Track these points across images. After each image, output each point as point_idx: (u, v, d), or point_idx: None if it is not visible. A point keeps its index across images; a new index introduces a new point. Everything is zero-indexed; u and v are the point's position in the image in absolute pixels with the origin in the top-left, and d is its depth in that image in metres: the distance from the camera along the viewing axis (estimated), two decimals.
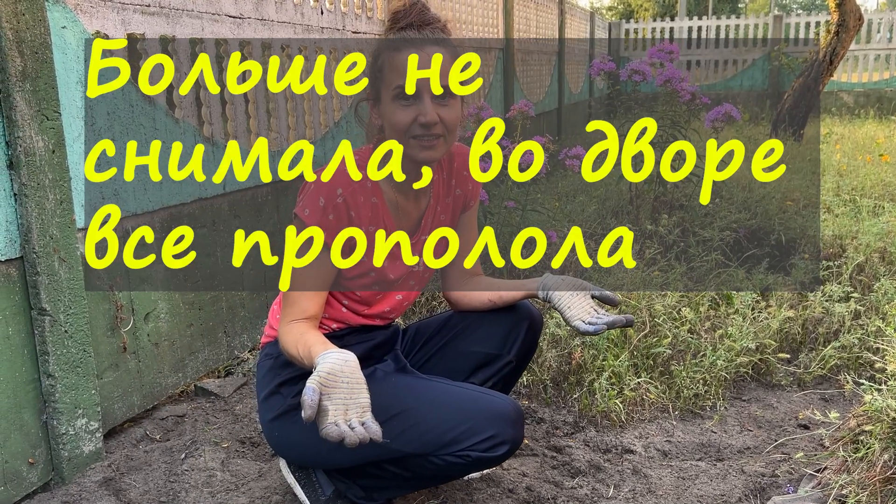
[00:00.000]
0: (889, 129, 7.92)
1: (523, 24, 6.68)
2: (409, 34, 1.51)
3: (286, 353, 1.52)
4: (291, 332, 1.52)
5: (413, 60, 1.47)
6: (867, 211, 3.65)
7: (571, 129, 8.82)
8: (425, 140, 1.52)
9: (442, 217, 1.74)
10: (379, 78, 1.53)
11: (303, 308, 1.56)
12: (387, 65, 1.50)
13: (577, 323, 1.63)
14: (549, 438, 2.16)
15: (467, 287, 1.84)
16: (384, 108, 1.53)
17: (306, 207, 1.53)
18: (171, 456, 2.06)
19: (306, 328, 1.53)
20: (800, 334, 2.62)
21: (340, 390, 1.29)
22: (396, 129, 1.51)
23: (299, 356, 1.45)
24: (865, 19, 10.90)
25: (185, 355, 2.41)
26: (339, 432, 1.24)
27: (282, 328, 1.55)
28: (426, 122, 1.49)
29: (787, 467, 1.93)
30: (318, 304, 1.59)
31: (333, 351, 1.34)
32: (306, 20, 2.98)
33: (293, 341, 1.48)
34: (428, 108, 1.49)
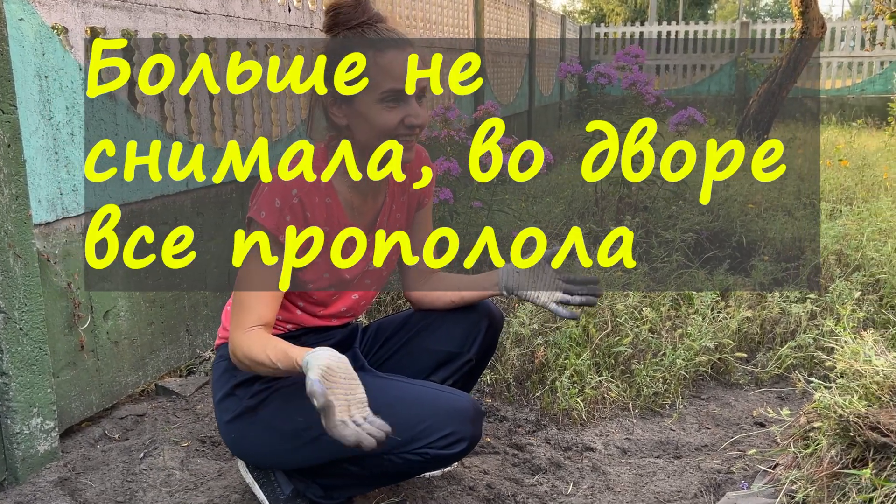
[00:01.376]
0: (850, 134, 8.10)
1: (494, 25, 6.71)
2: (382, 32, 1.48)
3: (249, 361, 1.46)
4: (255, 339, 1.47)
5: (401, 60, 1.45)
6: (826, 214, 3.73)
7: (542, 131, 8.87)
8: (408, 140, 1.51)
9: (398, 216, 1.74)
10: (353, 77, 1.48)
11: (260, 314, 1.51)
12: (371, 66, 1.45)
13: (553, 307, 1.67)
14: (511, 436, 2.18)
15: (428, 286, 1.84)
16: (361, 109, 1.48)
17: (262, 210, 1.50)
18: (129, 455, 2.03)
19: (267, 334, 1.49)
20: (758, 334, 2.68)
21: (340, 385, 1.30)
22: (382, 130, 1.48)
23: (271, 362, 1.41)
24: (829, 27, 11.16)
25: (145, 354, 2.38)
26: (354, 433, 1.25)
27: (238, 335, 1.49)
28: (419, 124, 1.48)
29: (742, 464, 1.97)
30: (274, 310, 1.54)
31: (323, 349, 1.34)
32: (273, 17, 2.96)
33: (261, 346, 1.44)
34: (417, 109, 1.48)
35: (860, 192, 4.49)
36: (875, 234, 3.30)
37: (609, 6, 39.79)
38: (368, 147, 1.53)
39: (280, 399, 1.64)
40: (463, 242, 2.98)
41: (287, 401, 1.63)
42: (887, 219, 3.54)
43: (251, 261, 1.52)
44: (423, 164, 1.77)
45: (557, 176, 5.17)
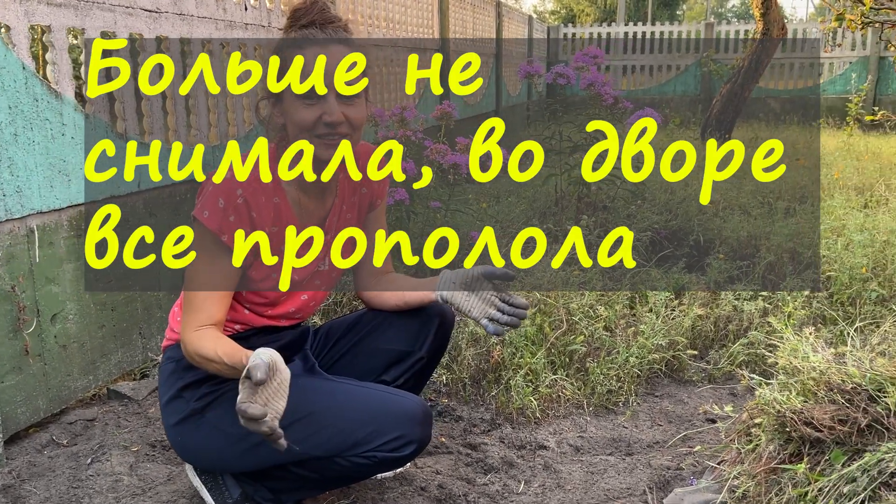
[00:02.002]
0: (810, 134, 8.25)
1: (459, 25, 6.72)
2: (311, 32, 1.50)
3: (200, 357, 1.47)
4: (205, 338, 1.47)
5: (319, 58, 1.47)
6: (781, 212, 3.79)
7: (509, 131, 8.90)
8: (329, 139, 1.51)
9: (348, 216, 1.74)
10: (282, 76, 1.51)
11: (210, 314, 1.52)
12: (290, 63, 1.49)
13: (484, 322, 1.67)
14: (466, 436, 2.18)
15: (379, 286, 1.85)
16: (287, 107, 1.51)
17: (205, 209, 1.49)
18: (76, 461, 2.00)
19: (218, 333, 1.51)
20: (712, 332, 2.71)
21: (270, 386, 1.31)
22: (300, 127, 1.50)
23: (218, 358, 1.42)
24: (790, 28, 11.35)
25: (96, 357, 2.34)
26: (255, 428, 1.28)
27: (188, 334, 1.50)
28: (332, 122, 1.49)
29: (691, 460, 2.00)
30: (225, 309, 1.55)
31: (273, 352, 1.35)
32: (229, 16, 2.93)
33: (210, 347, 1.45)
34: (333, 107, 1.48)
35: (816, 191, 4.57)
36: (827, 233, 3.37)
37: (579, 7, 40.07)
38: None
39: (227, 402, 1.62)
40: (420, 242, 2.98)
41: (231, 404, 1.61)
42: (839, 217, 3.61)
43: (198, 259, 1.53)
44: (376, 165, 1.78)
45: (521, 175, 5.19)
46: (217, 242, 1.51)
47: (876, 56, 10.84)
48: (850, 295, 2.81)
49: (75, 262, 2.23)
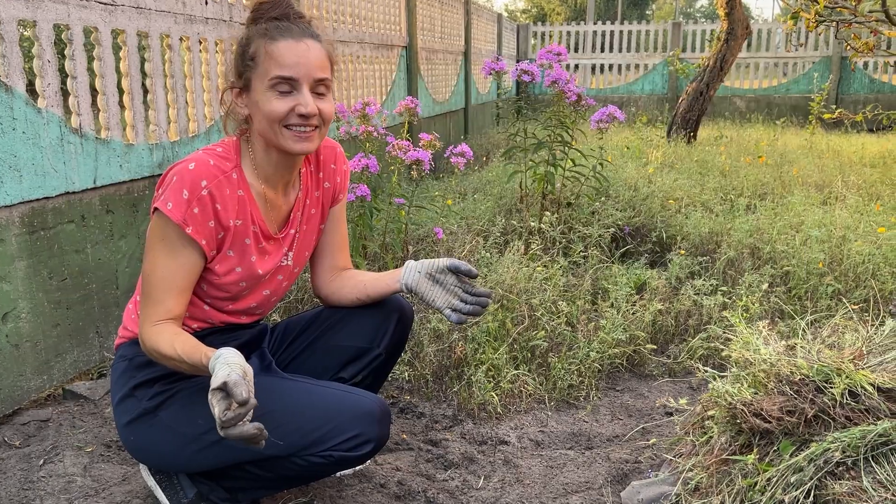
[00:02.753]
0: (774, 133, 8.38)
1: (427, 22, 6.71)
2: (283, 24, 1.50)
3: (158, 354, 1.44)
4: (162, 333, 1.45)
5: (293, 49, 1.47)
6: (742, 209, 3.85)
7: (479, 129, 8.92)
8: (301, 131, 1.51)
9: (311, 211, 1.73)
10: (251, 66, 1.50)
11: (168, 308, 1.49)
12: (262, 53, 1.48)
13: (447, 312, 1.68)
14: (427, 432, 2.18)
15: (336, 283, 1.83)
16: (256, 97, 1.50)
17: (169, 201, 1.46)
18: (28, 462, 1.96)
19: (177, 328, 1.48)
20: (672, 326, 2.74)
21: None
22: (271, 118, 1.49)
23: (178, 356, 1.40)
24: (755, 28, 11.53)
25: (50, 357, 2.29)
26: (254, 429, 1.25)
27: (146, 329, 1.48)
28: (306, 113, 1.49)
29: (650, 453, 2.02)
30: (184, 304, 1.53)
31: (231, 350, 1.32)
32: (188, 10, 2.89)
33: (168, 343, 1.42)
34: (307, 98, 1.49)
35: (777, 188, 4.65)
36: (786, 229, 3.43)
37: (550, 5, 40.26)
38: (266, 137, 1.53)
39: (180, 401, 1.60)
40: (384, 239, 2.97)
41: (188, 403, 1.59)
42: (799, 213, 3.67)
43: (158, 252, 1.49)
44: (338, 160, 1.77)
45: (489, 172, 5.21)
46: (180, 235, 1.48)
47: (838, 56, 11.06)
48: (806, 289, 2.86)
49: (28, 259, 2.18)
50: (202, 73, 3.03)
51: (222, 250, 1.57)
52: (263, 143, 1.57)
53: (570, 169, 3.56)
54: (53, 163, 2.25)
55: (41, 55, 2.22)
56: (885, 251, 3.05)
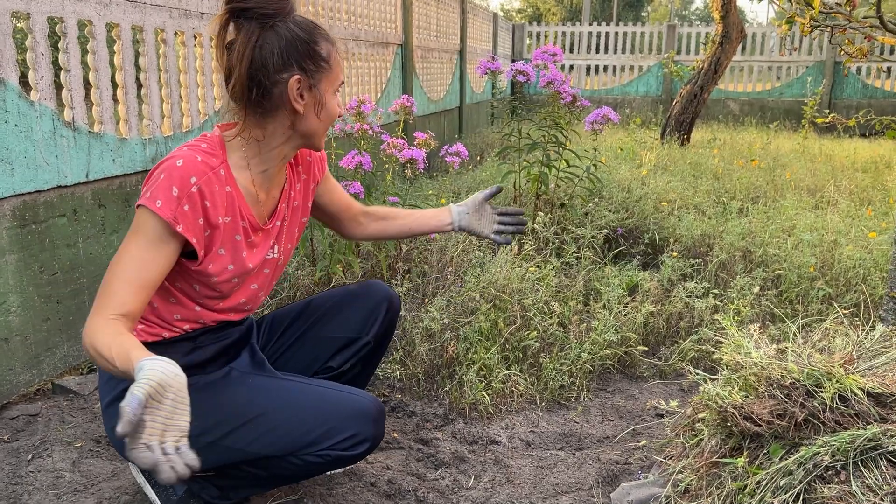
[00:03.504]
0: (767, 136, 8.42)
1: (423, 20, 6.70)
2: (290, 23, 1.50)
3: (93, 350, 1.32)
4: (105, 329, 1.33)
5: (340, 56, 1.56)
6: (734, 212, 3.86)
7: (473, 128, 8.92)
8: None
9: (295, 203, 1.72)
10: (325, 68, 1.52)
11: (123, 301, 1.38)
12: (334, 57, 1.53)
13: (494, 237, 1.92)
14: (418, 431, 2.18)
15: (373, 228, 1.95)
16: (324, 99, 1.54)
17: (157, 198, 1.42)
18: (16, 457, 1.95)
19: (123, 329, 1.35)
20: (664, 328, 2.75)
21: (165, 407, 1.14)
22: (333, 119, 1.59)
23: (110, 357, 1.28)
24: (749, 32, 11.57)
25: (40, 351, 2.28)
26: (153, 459, 1.11)
27: (92, 321, 1.36)
28: (341, 114, 1.61)
29: (640, 455, 2.02)
30: (141, 303, 1.42)
31: (162, 360, 1.18)
32: (184, 4, 2.88)
33: (107, 339, 1.31)
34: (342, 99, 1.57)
35: (769, 192, 4.67)
36: (778, 232, 3.44)
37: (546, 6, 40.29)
38: (309, 134, 1.57)
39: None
40: None
41: None
42: (791, 217, 3.69)
43: (133, 246, 1.42)
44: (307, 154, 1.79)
45: (482, 172, 5.21)
46: (166, 231, 1.43)
47: (831, 60, 11.11)
48: (798, 293, 2.87)
49: (18, 252, 2.17)
50: (196, 69, 3.02)
51: (212, 250, 1.54)
52: (283, 139, 1.55)
53: (563, 170, 3.56)
54: (46, 156, 2.24)
55: (34, 48, 2.21)
56: (875, 256, 3.07)
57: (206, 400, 1.61)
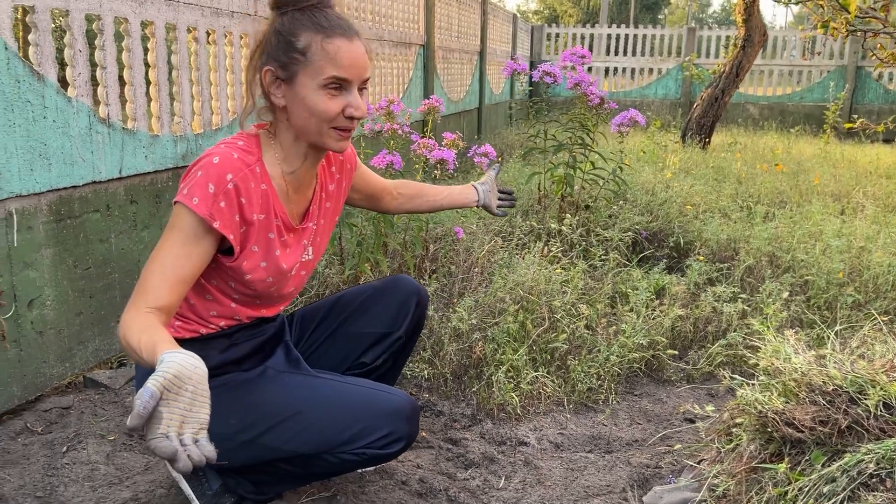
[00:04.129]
0: (788, 140, 8.36)
1: (445, 21, 6.71)
2: (331, 20, 1.46)
3: (124, 340, 1.32)
4: (138, 322, 1.33)
5: (349, 50, 1.45)
6: (760, 217, 3.84)
7: (492, 129, 8.92)
8: (345, 132, 1.50)
9: (327, 204, 1.73)
10: (301, 61, 1.45)
11: (159, 296, 1.38)
12: (317, 49, 1.43)
13: (498, 212, 2.15)
14: (447, 431, 2.18)
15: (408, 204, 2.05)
16: (303, 93, 1.45)
17: (194, 195, 1.42)
18: (51, 449, 1.97)
19: (156, 322, 1.35)
20: (691, 332, 2.74)
21: (182, 399, 1.13)
22: (321, 117, 1.46)
23: (139, 349, 1.27)
24: (771, 36, 11.49)
25: (73, 345, 2.31)
26: (172, 449, 1.09)
27: (127, 314, 1.37)
28: (359, 116, 1.47)
29: (670, 459, 2.02)
30: (176, 296, 1.42)
31: (184, 353, 1.18)
32: (215, 3, 2.90)
33: (138, 331, 1.30)
34: (359, 101, 1.47)
35: (794, 197, 4.63)
36: (805, 237, 3.42)
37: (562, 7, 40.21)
38: (304, 131, 1.50)
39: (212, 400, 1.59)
40: (404, 237, 2.97)
41: (219, 402, 1.57)
42: (818, 222, 3.66)
43: (171, 242, 1.43)
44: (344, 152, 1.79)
45: (504, 174, 5.20)
46: (202, 228, 1.44)
47: (853, 65, 11.02)
48: (826, 299, 2.85)
49: (54, 247, 2.19)
50: (227, 67, 3.04)
51: (247, 247, 1.55)
52: (293, 138, 1.54)
53: (589, 172, 3.55)
54: (81, 152, 2.26)
55: (73, 44, 2.23)
56: None
57: (242, 398, 1.62)
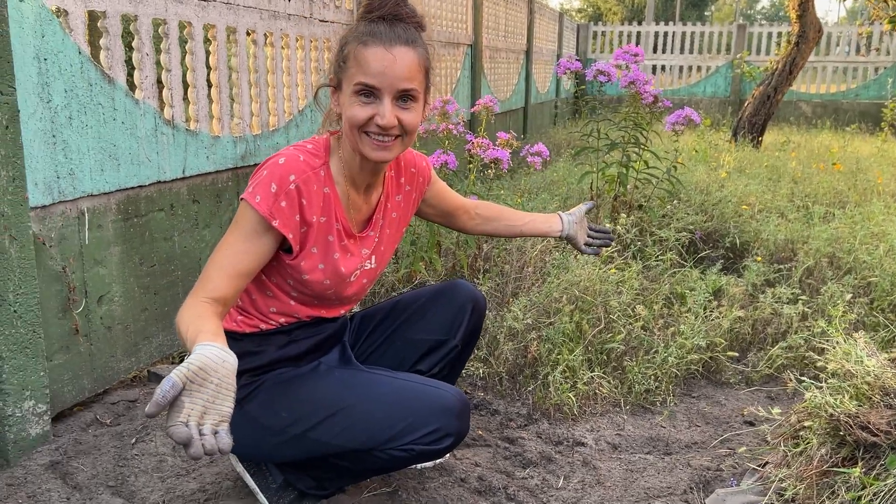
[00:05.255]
0: (844, 139, 8.14)
1: (492, 20, 6.71)
2: (379, 28, 1.47)
3: (177, 325, 1.37)
4: (191, 310, 1.39)
5: (380, 58, 1.44)
6: (819, 217, 3.75)
7: (537, 129, 8.89)
8: (379, 140, 1.49)
9: (393, 215, 1.73)
10: (343, 68, 1.50)
11: (216, 286, 1.43)
12: (352, 57, 1.47)
13: (584, 248, 2.03)
14: (503, 430, 2.19)
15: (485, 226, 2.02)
16: (343, 99, 1.51)
17: (257, 194, 1.47)
18: (121, 440, 2.03)
19: (209, 313, 1.39)
20: (749, 334, 2.69)
21: (206, 391, 1.14)
22: (351, 122, 1.49)
23: (185, 336, 1.31)
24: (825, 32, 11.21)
25: (138, 340, 2.38)
26: (186, 434, 1.10)
27: (187, 301, 1.42)
28: (383, 125, 1.47)
29: (731, 462, 1.99)
30: (234, 289, 1.46)
31: (214, 345, 1.20)
32: (273, 6, 2.95)
33: (188, 319, 1.35)
34: (386, 110, 1.46)
35: (853, 196, 4.52)
36: (867, 238, 3.33)
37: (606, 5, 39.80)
38: (349, 139, 1.53)
39: (264, 394, 1.63)
40: (458, 238, 2.98)
41: (271, 396, 1.62)
42: (879, 223, 3.56)
43: (233, 236, 1.48)
44: (417, 163, 1.79)
45: (553, 173, 5.18)
46: (262, 225, 1.48)
47: None
48: (891, 301, 2.77)
49: (122, 244, 2.26)
50: (283, 69, 3.09)
51: (305, 247, 1.58)
52: (350, 146, 1.56)
53: (642, 171, 3.52)
54: (147, 152, 2.33)
55: (140, 48, 2.30)
56: None
57: (293, 392, 1.64)
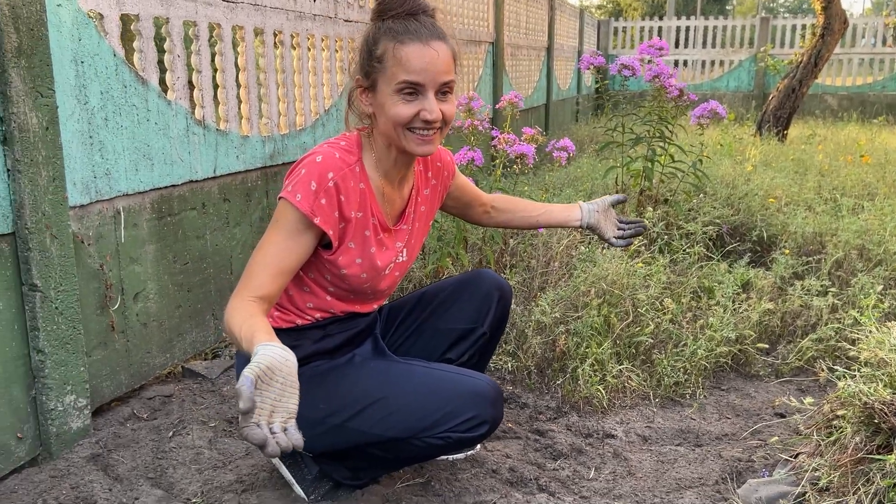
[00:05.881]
0: (871, 132, 8.03)
1: (513, 18, 6.71)
2: (410, 25, 1.50)
3: (227, 326, 1.41)
4: (241, 310, 1.42)
5: (421, 54, 1.47)
6: (847, 209, 3.72)
7: (559, 125, 8.87)
8: (424, 134, 1.52)
9: (422, 208, 1.77)
10: (378, 68, 1.51)
11: (261, 283, 1.47)
12: (390, 56, 1.48)
13: (614, 240, 2.00)
14: (533, 423, 2.20)
15: (500, 217, 2.03)
16: (381, 99, 1.52)
17: (298, 192, 1.50)
18: (158, 434, 2.07)
19: (258, 311, 1.43)
20: (779, 327, 2.68)
21: (273, 389, 1.19)
22: (396, 121, 1.51)
23: (239, 337, 1.35)
24: (850, 23, 11.05)
25: (172, 336, 2.42)
26: (262, 436, 1.14)
27: (232, 302, 1.46)
28: (431, 119, 1.50)
29: (762, 453, 1.99)
30: (278, 287, 1.50)
31: (276, 345, 1.24)
32: (299, 7, 2.99)
33: (240, 319, 1.38)
34: (433, 104, 1.49)
35: (882, 189, 4.46)
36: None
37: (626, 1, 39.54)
38: (388, 137, 1.56)
39: (303, 386, 1.66)
40: (484, 233, 3.00)
41: (310, 388, 1.64)
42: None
43: (275, 234, 1.51)
44: (442, 158, 1.83)
45: (576, 169, 5.17)
46: (304, 223, 1.51)
47: None
48: None
49: (156, 243, 2.31)
50: (309, 69, 3.13)
51: (344, 242, 1.61)
52: (385, 141, 1.59)
53: (668, 165, 3.51)
54: (180, 152, 2.37)
55: (172, 50, 2.35)
56: None
57: (331, 384, 1.68)
